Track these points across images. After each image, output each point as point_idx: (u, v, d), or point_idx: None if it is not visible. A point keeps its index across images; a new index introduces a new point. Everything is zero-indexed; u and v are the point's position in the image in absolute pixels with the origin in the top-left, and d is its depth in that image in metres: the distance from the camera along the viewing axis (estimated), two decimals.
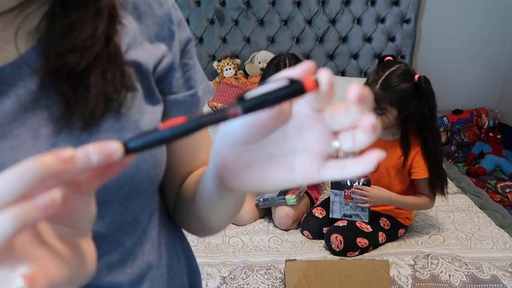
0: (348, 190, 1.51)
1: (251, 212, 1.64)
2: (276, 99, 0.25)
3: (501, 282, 1.25)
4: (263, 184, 0.31)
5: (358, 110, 0.25)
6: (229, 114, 0.25)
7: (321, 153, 0.28)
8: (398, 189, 1.52)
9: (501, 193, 2.52)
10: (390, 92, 1.39)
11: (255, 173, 0.31)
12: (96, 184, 0.26)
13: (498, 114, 3.07)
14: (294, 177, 0.29)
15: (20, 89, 0.35)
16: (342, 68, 2.98)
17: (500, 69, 3.04)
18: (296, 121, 0.29)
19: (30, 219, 0.21)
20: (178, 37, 0.46)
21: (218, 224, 0.47)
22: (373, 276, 1.24)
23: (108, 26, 0.38)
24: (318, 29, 2.89)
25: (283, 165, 0.30)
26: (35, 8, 0.36)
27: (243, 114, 0.25)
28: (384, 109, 1.42)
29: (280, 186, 0.31)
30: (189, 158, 0.50)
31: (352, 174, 0.27)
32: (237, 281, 1.28)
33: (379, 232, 1.49)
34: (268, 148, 0.30)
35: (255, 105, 0.25)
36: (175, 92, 0.46)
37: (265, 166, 0.30)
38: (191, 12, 2.86)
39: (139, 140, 0.25)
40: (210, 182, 0.38)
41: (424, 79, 1.40)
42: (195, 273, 0.58)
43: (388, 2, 2.82)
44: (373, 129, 0.25)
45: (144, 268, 0.45)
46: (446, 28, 2.92)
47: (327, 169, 0.28)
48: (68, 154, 0.22)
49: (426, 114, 1.41)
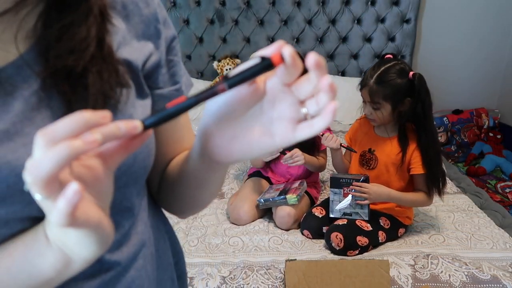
0: (347, 188, 1.52)
1: (250, 211, 1.64)
2: (252, 74, 0.31)
3: (501, 282, 1.25)
4: (249, 152, 0.37)
5: (316, 76, 0.30)
6: (218, 90, 0.32)
7: (293, 119, 0.33)
8: (398, 185, 1.52)
9: (501, 193, 2.52)
10: (384, 86, 1.41)
11: (240, 144, 0.37)
12: (119, 159, 0.33)
13: (498, 114, 3.07)
14: (274, 141, 0.35)
15: (25, 90, 0.37)
16: (342, 68, 2.98)
17: (500, 69, 3.04)
18: (270, 96, 0.35)
19: (79, 150, 0.27)
20: (164, 35, 0.49)
21: (203, 201, 0.53)
22: (373, 276, 1.24)
23: (100, 26, 0.40)
24: (318, 29, 2.89)
25: (263, 134, 0.35)
26: (30, 9, 0.38)
27: (228, 89, 0.31)
28: (378, 103, 1.43)
29: (263, 152, 0.36)
30: (174, 146, 0.55)
31: (319, 129, 0.32)
32: (237, 281, 1.28)
33: (379, 231, 1.49)
34: (249, 122, 0.36)
35: (237, 80, 0.31)
36: (161, 87, 0.50)
37: (248, 136, 0.36)
38: (191, 12, 2.86)
39: (152, 118, 0.32)
40: (197, 161, 0.43)
41: (418, 76, 1.41)
42: (178, 253, 0.63)
43: (388, 2, 2.82)
44: (331, 88, 0.30)
45: (138, 247, 0.49)
46: (446, 28, 2.92)
47: (299, 130, 0.33)
48: (106, 113, 0.29)
49: (419, 112, 1.42)
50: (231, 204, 1.69)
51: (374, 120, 1.49)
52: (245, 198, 1.68)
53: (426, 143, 1.44)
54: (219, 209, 1.76)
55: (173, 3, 2.84)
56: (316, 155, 1.79)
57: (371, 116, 1.48)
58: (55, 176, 0.28)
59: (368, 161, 1.56)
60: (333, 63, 2.97)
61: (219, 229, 1.59)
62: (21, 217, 0.37)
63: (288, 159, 1.66)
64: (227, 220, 1.68)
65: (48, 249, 0.34)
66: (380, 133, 1.55)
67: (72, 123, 0.28)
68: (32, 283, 0.36)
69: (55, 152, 0.27)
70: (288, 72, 0.32)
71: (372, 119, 1.49)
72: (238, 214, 1.63)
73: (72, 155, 0.27)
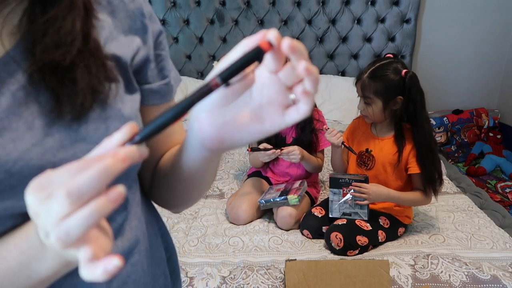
0: (346, 189, 1.52)
1: (248, 210, 1.64)
2: (243, 64, 0.31)
3: (501, 282, 1.25)
4: (239, 138, 0.38)
5: (295, 61, 0.31)
6: (212, 86, 0.31)
7: (282, 104, 0.35)
8: (395, 185, 1.52)
9: (501, 193, 2.52)
10: (376, 81, 1.41)
11: (231, 130, 0.38)
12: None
13: (498, 114, 3.07)
14: (264, 126, 0.36)
15: (13, 86, 0.37)
16: (342, 68, 2.98)
17: (500, 69, 3.04)
18: (258, 84, 0.36)
19: (106, 211, 0.28)
20: (151, 30, 0.50)
21: (196, 194, 0.54)
22: (373, 276, 1.24)
23: (85, 20, 0.40)
24: (318, 29, 2.89)
25: (254, 119, 0.36)
26: (14, 6, 0.39)
27: (222, 83, 0.31)
28: (369, 97, 1.44)
29: (254, 137, 0.38)
30: (165, 140, 0.56)
31: (304, 113, 0.33)
32: (237, 281, 1.28)
33: (379, 230, 1.49)
34: (239, 108, 0.37)
35: (230, 73, 0.31)
36: (150, 82, 0.50)
37: (238, 122, 0.37)
38: (191, 12, 2.86)
39: (148, 128, 0.31)
40: (189, 152, 0.44)
41: (410, 75, 1.41)
42: (171, 249, 0.64)
43: (388, 2, 2.82)
44: (308, 72, 0.31)
45: (133, 242, 0.49)
46: (446, 28, 2.92)
47: (288, 115, 0.35)
48: (125, 154, 0.29)
49: (411, 111, 1.42)
50: (229, 204, 1.69)
51: (367, 116, 1.49)
52: (244, 198, 1.68)
53: (419, 143, 1.45)
54: (219, 209, 1.76)
55: (173, 3, 2.84)
56: (313, 156, 1.79)
57: (363, 112, 1.49)
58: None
59: (365, 161, 1.56)
60: (333, 63, 2.97)
61: (219, 229, 1.59)
62: (13, 213, 0.37)
63: (285, 155, 1.67)
64: (227, 220, 1.68)
65: (45, 254, 0.34)
66: (377, 133, 1.55)
67: (96, 179, 0.28)
68: (31, 282, 0.36)
69: (85, 218, 0.27)
70: (277, 55, 0.32)
71: (365, 115, 1.50)
72: (236, 214, 1.63)
73: (101, 217, 0.28)
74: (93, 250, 0.29)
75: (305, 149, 1.72)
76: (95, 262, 0.28)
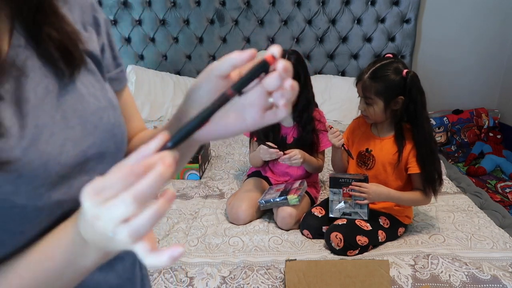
0: (346, 188, 1.52)
1: (248, 210, 1.64)
2: (253, 75, 0.37)
3: (501, 282, 1.25)
4: (224, 133, 0.44)
5: (283, 76, 0.36)
6: (229, 95, 0.37)
7: (262, 106, 0.40)
8: (395, 185, 1.52)
9: (501, 193, 2.52)
10: (376, 82, 1.41)
11: (217, 126, 0.42)
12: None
13: (498, 114, 3.07)
14: (246, 124, 0.42)
15: (32, 66, 0.42)
16: (342, 68, 2.98)
17: (500, 69, 3.04)
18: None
19: (166, 210, 0.33)
20: (102, 21, 0.53)
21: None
22: (373, 276, 1.24)
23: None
24: (318, 29, 2.89)
25: (237, 118, 0.42)
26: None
27: (236, 93, 0.37)
28: (370, 98, 1.44)
29: (236, 133, 0.43)
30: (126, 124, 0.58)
31: (281, 117, 0.39)
32: (237, 281, 1.28)
33: (379, 230, 1.49)
34: (226, 109, 0.40)
35: (242, 83, 0.37)
36: (109, 71, 0.54)
37: (224, 120, 0.42)
38: (191, 12, 2.86)
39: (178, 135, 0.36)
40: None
41: (412, 74, 1.41)
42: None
43: (388, 2, 2.82)
44: (292, 88, 0.37)
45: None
46: (446, 28, 2.92)
47: (267, 117, 0.40)
48: (170, 160, 0.33)
49: (411, 111, 1.42)
50: (229, 204, 1.69)
51: (368, 117, 1.49)
52: (243, 198, 1.68)
53: (419, 143, 1.45)
54: (219, 209, 1.76)
55: (173, 3, 2.84)
56: (314, 156, 1.79)
57: (364, 112, 1.49)
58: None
59: (365, 161, 1.56)
60: (333, 63, 2.97)
61: (219, 229, 1.59)
62: (63, 201, 0.42)
63: (286, 159, 1.66)
64: (227, 220, 1.68)
65: (89, 250, 0.38)
66: (377, 133, 1.55)
67: (155, 185, 0.32)
68: (77, 276, 0.41)
69: (151, 217, 0.32)
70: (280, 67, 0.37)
71: (366, 116, 1.50)
72: (236, 214, 1.63)
73: (163, 216, 0.33)
74: (149, 243, 0.34)
75: (305, 150, 1.72)
76: (154, 251, 0.33)
